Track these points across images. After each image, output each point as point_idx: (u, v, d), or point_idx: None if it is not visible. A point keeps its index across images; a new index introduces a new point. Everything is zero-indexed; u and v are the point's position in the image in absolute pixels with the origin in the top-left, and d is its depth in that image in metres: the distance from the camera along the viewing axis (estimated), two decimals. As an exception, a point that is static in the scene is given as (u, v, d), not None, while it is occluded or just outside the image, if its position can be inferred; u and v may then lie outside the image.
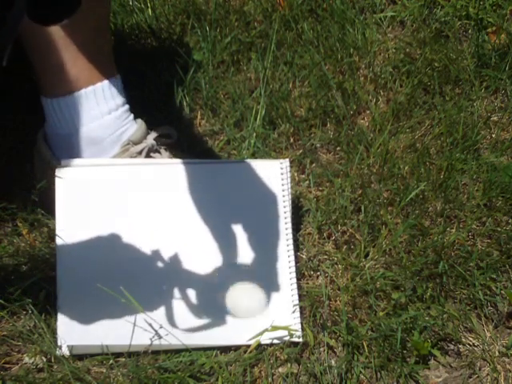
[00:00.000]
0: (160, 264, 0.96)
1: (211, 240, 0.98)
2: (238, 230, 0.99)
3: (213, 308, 0.96)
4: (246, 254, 0.98)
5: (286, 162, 1.01)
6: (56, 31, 0.95)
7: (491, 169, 1.12)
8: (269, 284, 0.97)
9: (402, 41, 1.31)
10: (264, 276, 0.98)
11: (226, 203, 0.99)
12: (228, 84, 1.24)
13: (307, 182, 1.12)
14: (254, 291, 0.97)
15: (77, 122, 1.00)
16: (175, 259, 0.97)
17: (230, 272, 0.97)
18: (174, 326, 0.94)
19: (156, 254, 0.97)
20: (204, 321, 0.95)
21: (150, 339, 0.92)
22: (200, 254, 0.98)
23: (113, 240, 0.97)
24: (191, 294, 0.96)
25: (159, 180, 0.99)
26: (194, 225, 0.99)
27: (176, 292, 0.95)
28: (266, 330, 0.94)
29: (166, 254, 0.97)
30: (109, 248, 0.96)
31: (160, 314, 0.94)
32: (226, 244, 0.98)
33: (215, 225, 0.99)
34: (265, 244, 0.99)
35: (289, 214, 1.00)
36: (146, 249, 0.97)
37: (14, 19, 0.63)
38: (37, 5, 0.66)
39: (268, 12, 1.34)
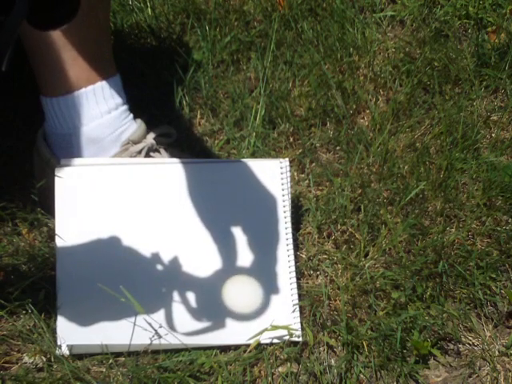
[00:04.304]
0: (159, 264, 0.96)
1: (211, 239, 0.98)
2: (238, 229, 0.99)
3: (212, 308, 0.96)
4: (245, 254, 0.98)
5: (285, 162, 1.01)
6: (55, 31, 0.95)
7: (491, 168, 1.12)
8: (269, 283, 0.97)
9: (402, 40, 1.31)
10: (264, 275, 0.97)
11: (225, 203, 0.99)
12: (228, 83, 1.24)
13: (307, 181, 1.12)
14: (249, 283, 0.97)
15: (76, 121, 1.00)
16: (174, 259, 0.97)
17: (230, 271, 0.97)
18: (173, 326, 0.94)
19: (155, 255, 0.97)
20: (204, 321, 0.95)
21: (150, 339, 0.92)
22: (199, 253, 0.98)
23: (112, 239, 0.97)
24: (190, 294, 0.96)
25: (158, 179, 0.99)
26: (194, 224, 0.99)
27: (175, 293, 0.95)
28: (266, 329, 0.94)
29: (166, 255, 0.97)
30: (108, 247, 0.96)
31: (159, 314, 0.94)
32: (226, 243, 0.98)
33: (215, 224, 0.99)
34: (264, 244, 0.99)
35: (288, 214, 1.00)
36: (146, 248, 0.97)
37: (12, 24, 0.62)
38: (36, 10, 0.66)
39: (268, 11, 1.34)
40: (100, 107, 1.00)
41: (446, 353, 0.97)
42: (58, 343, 0.92)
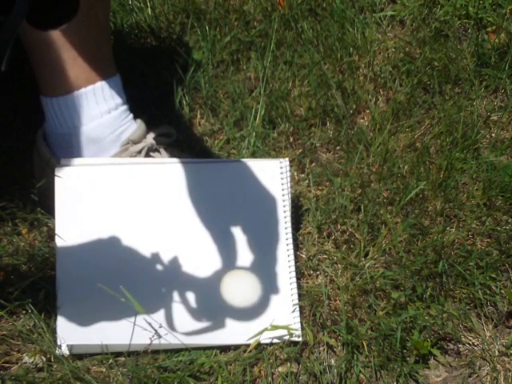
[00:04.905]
0: (159, 265, 0.96)
1: (210, 239, 0.98)
2: (238, 229, 0.99)
3: (212, 308, 0.96)
4: (245, 254, 0.98)
5: (285, 162, 1.01)
6: (55, 30, 0.95)
7: (491, 168, 1.12)
8: (269, 283, 0.97)
9: (402, 40, 1.31)
10: (264, 275, 0.97)
11: (225, 203, 0.99)
12: (228, 83, 1.24)
13: (307, 181, 1.12)
14: (247, 277, 0.97)
15: (76, 121, 1.00)
16: (174, 259, 0.97)
17: (230, 269, 0.97)
18: (173, 326, 0.94)
19: (155, 255, 0.97)
20: (203, 321, 0.95)
21: (150, 339, 0.92)
22: (199, 253, 0.98)
23: (112, 239, 0.97)
24: (190, 294, 0.96)
25: (158, 179, 0.99)
26: (194, 224, 0.99)
27: (175, 293, 0.95)
28: (266, 329, 0.94)
29: (166, 254, 0.97)
30: (108, 247, 0.96)
31: (159, 314, 0.94)
32: (226, 243, 0.98)
33: (215, 224, 0.99)
34: (264, 243, 0.99)
35: (288, 214, 1.00)
36: (146, 248, 0.97)
37: (12, 24, 0.62)
38: (35, 10, 0.66)
39: (268, 11, 1.34)
40: (100, 107, 1.00)
41: (446, 353, 0.97)
42: (58, 343, 0.92)
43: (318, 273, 1.02)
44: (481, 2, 1.36)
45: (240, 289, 0.96)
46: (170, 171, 1.00)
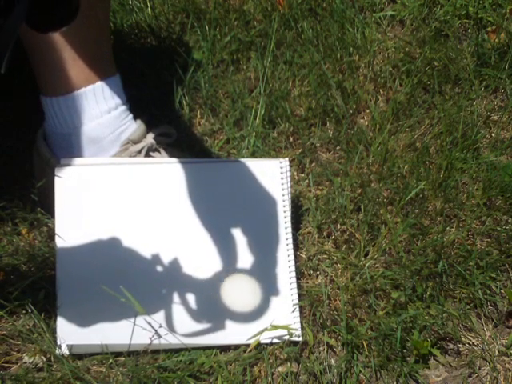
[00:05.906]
0: (159, 265, 0.96)
1: (210, 240, 0.98)
2: (238, 229, 0.99)
3: (212, 309, 0.95)
4: (245, 254, 0.98)
5: (285, 162, 1.01)
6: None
7: (491, 168, 1.12)
8: (268, 283, 0.97)
9: (402, 40, 1.31)
10: (264, 275, 0.98)
11: (225, 202, 0.99)
12: (227, 83, 1.24)
13: (307, 181, 1.12)
14: (247, 282, 0.97)
15: (76, 121, 1.00)
16: (174, 260, 0.97)
17: (230, 271, 0.97)
18: (173, 327, 0.93)
19: (155, 255, 0.96)
20: (204, 322, 0.95)
21: (150, 339, 0.92)
22: (199, 254, 0.98)
23: (112, 239, 0.97)
24: (190, 295, 0.96)
25: (158, 179, 0.99)
26: (194, 224, 0.99)
27: (175, 293, 0.95)
28: (266, 329, 0.94)
29: (165, 255, 0.97)
30: (108, 247, 0.96)
31: (159, 315, 0.94)
32: (226, 244, 0.98)
33: (215, 224, 0.99)
34: (264, 243, 0.98)
35: (288, 214, 1.00)
36: (145, 249, 0.97)
37: (11, 27, 0.62)
38: (35, 12, 0.66)
39: (267, 11, 1.34)
40: (100, 107, 1.00)
41: (446, 353, 0.97)
42: (58, 343, 0.92)
43: (318, 273, 1.02)
44: (481, 1, 1.36)
45: (241, 294, 0.96)
46: (170, 171, 1.00)
